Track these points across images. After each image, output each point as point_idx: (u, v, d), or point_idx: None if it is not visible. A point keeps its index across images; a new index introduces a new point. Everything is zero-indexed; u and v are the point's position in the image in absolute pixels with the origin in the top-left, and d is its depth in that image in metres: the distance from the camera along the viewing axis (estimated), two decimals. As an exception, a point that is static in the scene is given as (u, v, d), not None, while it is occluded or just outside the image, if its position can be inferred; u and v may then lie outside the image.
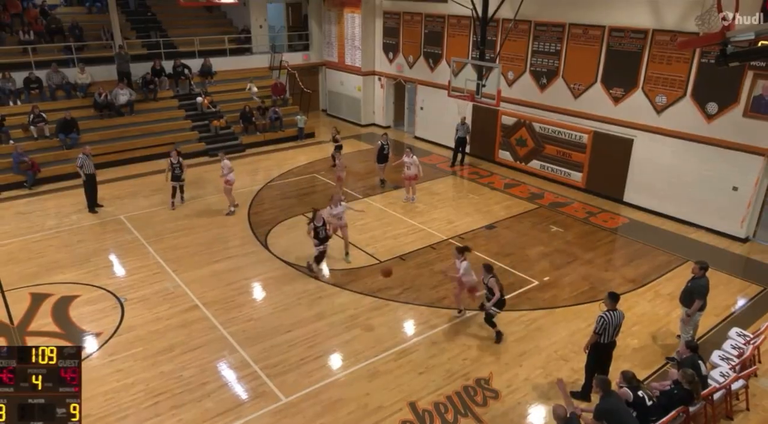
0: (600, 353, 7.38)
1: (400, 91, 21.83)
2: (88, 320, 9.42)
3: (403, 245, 12.19)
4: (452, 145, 17.78)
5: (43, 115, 16.58)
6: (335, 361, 8.53)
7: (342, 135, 17.19)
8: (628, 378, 6.32)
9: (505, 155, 17.50)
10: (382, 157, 15.32)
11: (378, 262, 11.43)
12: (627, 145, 14.03)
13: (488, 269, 8.68)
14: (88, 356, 8.50)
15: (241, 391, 7.83)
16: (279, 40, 23.82)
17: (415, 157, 14.04)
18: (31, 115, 16.43)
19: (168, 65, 19.69)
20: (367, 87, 22.17)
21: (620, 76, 13.94)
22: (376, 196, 15.06)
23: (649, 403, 6.26)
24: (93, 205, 13.84)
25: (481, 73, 14.96)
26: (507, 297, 8.85)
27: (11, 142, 16.01)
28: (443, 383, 7.97)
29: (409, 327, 9.41)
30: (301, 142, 20.16)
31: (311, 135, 20.68)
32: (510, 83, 16.75)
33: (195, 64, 20.40)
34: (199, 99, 19.46)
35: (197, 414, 7.36)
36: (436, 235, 12.67)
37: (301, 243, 12.04)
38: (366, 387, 7.89)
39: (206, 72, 20.47)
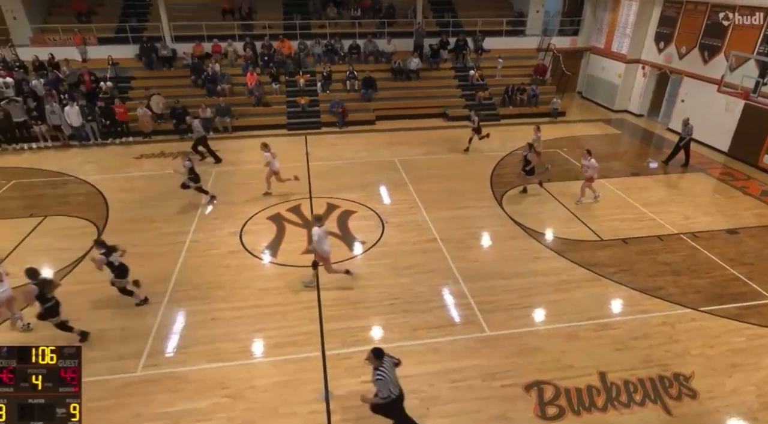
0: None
1: (662, 82, 18.76)
2: (360, 231, 10.80)
3: (630, 230, 10.89)
4: (708, 141, 14.83)
5: (355, 73, 18.88)
6: (539, 314, 8.29)
7: (591, 118, 15.72)
8: None
9: (772, 162, 13.96)
10: (478, 130, 15.16)
11: (600, 239, 10.50)
12: None
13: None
14: (355, 256, 9.87)
15: (455, 315, 8.23)
16: (551, 24, 22.42)
17: (593, 160, 11.82)
18: (348, 73, 18.87)
19: (452, 41, 20.35)
20: (628, 74, 19.61)
21: None
22: (613, 178, 13.60)
23: None
24: None
25: (765, 71, 11.92)
26: (735, 305, 7.34)
27: (328, 92, 18.70)
28: (639, 365, 7.16)
29: (617, 305, 8.55)
30: (553, 119, 19.08)
31: (563, 114, 19.40)
32: (801, 85, 13.01)
33: (473, 42, 20.63)
34: (472, 72, 19.78)
35: (420, 322, 8.02)
36: (667, 227, 10.98)
37: (529, 208, 11.72)
38: (562, 345, 7.55)
39: (480, 49, 20.59)
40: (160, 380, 6.85)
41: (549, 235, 10.77)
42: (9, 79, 16.33)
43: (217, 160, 14.73)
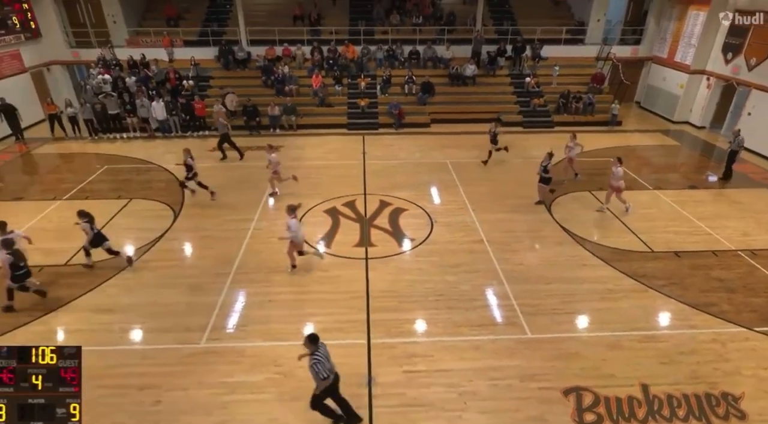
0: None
1: (727, 94, 17.42)
2: (409, 228, 10.83)
3: (683, 243, 10.25)
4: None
5: (414, 78, 18.86)
6: (582, 321, 7.99)
7: (649, 128, 14.86)
8: None
9: None
10: (494, 140, 14.25)
11: (650, 251, 9.95)
12: None
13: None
14: (403, 252, 9.90)
15: (498, 315, 8.09)
16: (612, 33, 21.38)
17: (620, 169, 11.07)
18: (407, 77, 18.88)
19: (509, 49, 19.88)
20: (690, 85, 18.36)
21: None
22: (669, 190, 12.83)
23: None
24: None
25: None
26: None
27: (386, 94, 18.78)
28: (684, 380, 6.74)
29: (664, 318, 8.08)
30: (609, 128, 18.22)
31: (619, 123, 18.48)
32: None
33: (532, 49, 20.06)
34: (528, 79, 19.24)
35: (462, 319, 7.94)
36: (724, 243, 10.23)
37: (578, 216, 11.29)
38: (604, 353, 7.24)
39: (538, 56, 19.98)
40: (221, 353, 7.19)
41: (597, 243, 10.33)
42: (107, 76, 17.63)
43: (241, 155, 14.86)
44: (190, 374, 6.80)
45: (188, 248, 10.13)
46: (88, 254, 9.20)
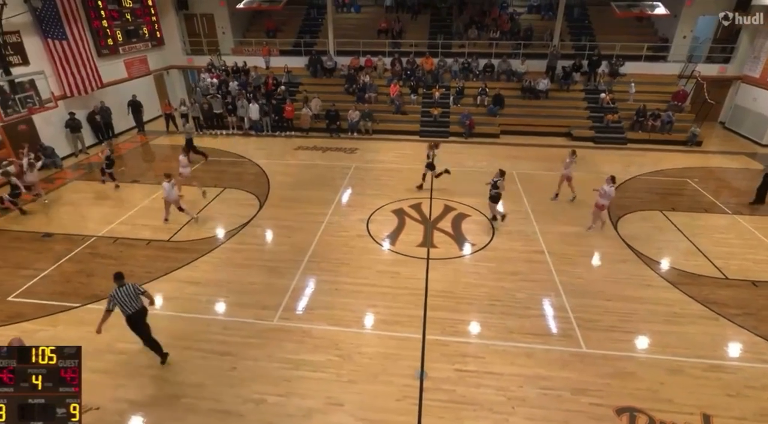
0: (131, 323, 6.52)
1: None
2: (470, 233, 10.62)
3: (762, 272, 9.13)
4: None
5: (487, 90, 18.45)
6: (642, 342, 7.38)
7: (733, 150, 13.40)
8: None
9: None
10: (430, 165, 12.52)
11: (724, 277, 8.99)
12: None
13: None
14: (463, 256, 9.73)
15: (552, 326, 7.70)
16: (699, 50, 19.53)
17: (612, 188, 10.14)
18: (480, 89, 18.50)
19: (585, 64, 18.83)
20: (785, 107, 16.34)
21: None
22: (749, 216, 11.52)
23: None
24: None
25: None
26: None
27: (459, 105, 18.53)
28: (752, 416, 6.01)
29: (734, 349, 7.25)
30: (687, 147, 16.69)
31: (699, 143, 16.85)
32: None
33: (609, 65, 18.85)
34: (602, 95, 18.10)
35: (516, 325, 7.65)
36: (812, 277, 9.00)
37: (646, 235, 10.45)
38: (663, 377, 6.64)
39: (615, 73, 18.72)
40: (289, 331, 7.50)
41: (664, 264, 9.50)
42: (214, 80, 19.02)
43: (206, 157, 14.93)
44: (262, 347, 7.16)
45: (269, 235, 10.66)
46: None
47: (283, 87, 19.05)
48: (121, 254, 9.68)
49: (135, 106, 17.94)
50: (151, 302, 6.76)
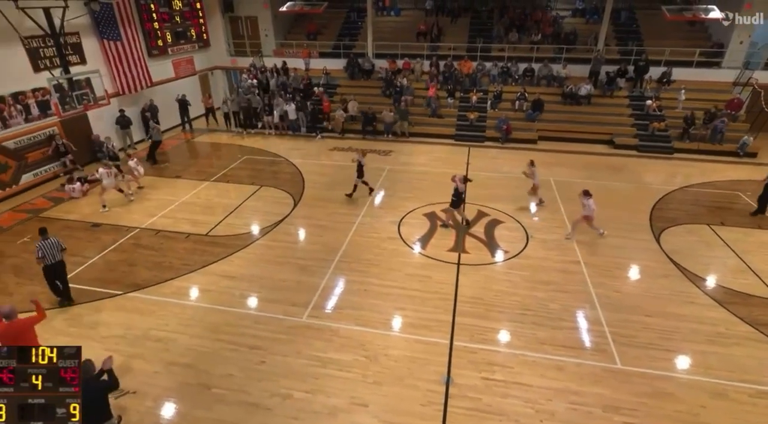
0: (47, 272, 7.77)
1: None
2: (504, 240, 10.43)
3: (820, 296, 8.52)
4: None
5: (526, 95, 18.09)
6: (682, 362, 7.02)
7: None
8: None
9: None
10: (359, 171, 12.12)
11: (776, 299, 8.44)
12: None
13: None
14: (494, 263, 9.57)
15: (586, 339, 7.45)
16: (757, 56, 18.41)
17: (591, 201, 9.90)
18: (519, 94, 18.17)
19: (630, 70, 18.14)
20: None
21: None
22: (807, 234, 10.76)
23: None
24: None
25: None
26: None
27: (496, 109, 18.25)
28: (804, 449, 5.61)
29: (786, 376, 6.80)
30: (739, 159, 15.78)
31: (753, 155, 15.89)
32: None
33: (658, 71, 18.10)
34: (649, 102, 17.38)
35: (548, 336, 7.45)
36: None
37: (691, 249, 9.95)
38: (704, 400, 6.30)
39: (663, 79, 17.93)
40: (318, 329, 7.60)
41: (710, 281, 9.00)
42: (254, 81, 19.57)
43: (155, 162, 14.99)
44: (291, 343, 7.28)
45: (302, 233, 10.84)
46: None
47: (320, 88, 19.37)
48: (162, 245, 10.09)
49: (183, 105, 18.70)
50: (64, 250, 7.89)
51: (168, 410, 6.17)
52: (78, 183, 12.61)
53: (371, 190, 12.56)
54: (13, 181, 12.75)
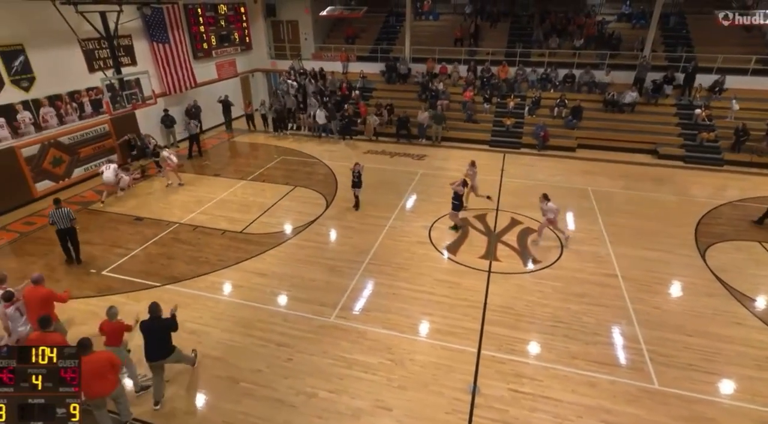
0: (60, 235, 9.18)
1: None
2: (537, 249, 10.18)
3: None
4: None
5: (566, 101, 17.63)
6: (726, 386, 6.63)
7: None
8: None
9: None
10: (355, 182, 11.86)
11: (835, 325, 7.82)
12: None
13: None
14: (527, 272, 9.35)
15: (621, 356, 7.15)
16: (820, 64, 17.25)
17: (550, 204, 10.00)
18: (558, 100, 17.73)
19: (679, 77, 17.36)
20: None
21: None
22: None
23: None
24: None
25: None
26: None
27: (533, 116, 17.86)
28: None
29: (844, 409, 6.29)
30: (794, 173, 14.82)
31: (812, 169, 14.87)
32: None
33: (708, 79, 17.24)
34: (698, 111, 16.57)
35: (580, 351, 7.21)
36: None
37: (740, 267, 9.39)
38: (750, 429, 5.92)
39: (716, 88, 17.06)
40: (345, 330, 7.65)
41: (760, 302, 8.46)
42: (294, 83, 20.00)
43: (190, 156, 16.11)
44: (318, 343, 7.36)
45: (333, 235, 10.95)
46: None
47: (357, 92, 19.56)
48: (199, 241, 10.44)
49: (226, 106, 19.33)
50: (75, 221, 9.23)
51: (199, 400, 6.36)
52: (126, 175, 13.18)
53: (356, 205, 12.05)
54: (66, 174, 13.54)
